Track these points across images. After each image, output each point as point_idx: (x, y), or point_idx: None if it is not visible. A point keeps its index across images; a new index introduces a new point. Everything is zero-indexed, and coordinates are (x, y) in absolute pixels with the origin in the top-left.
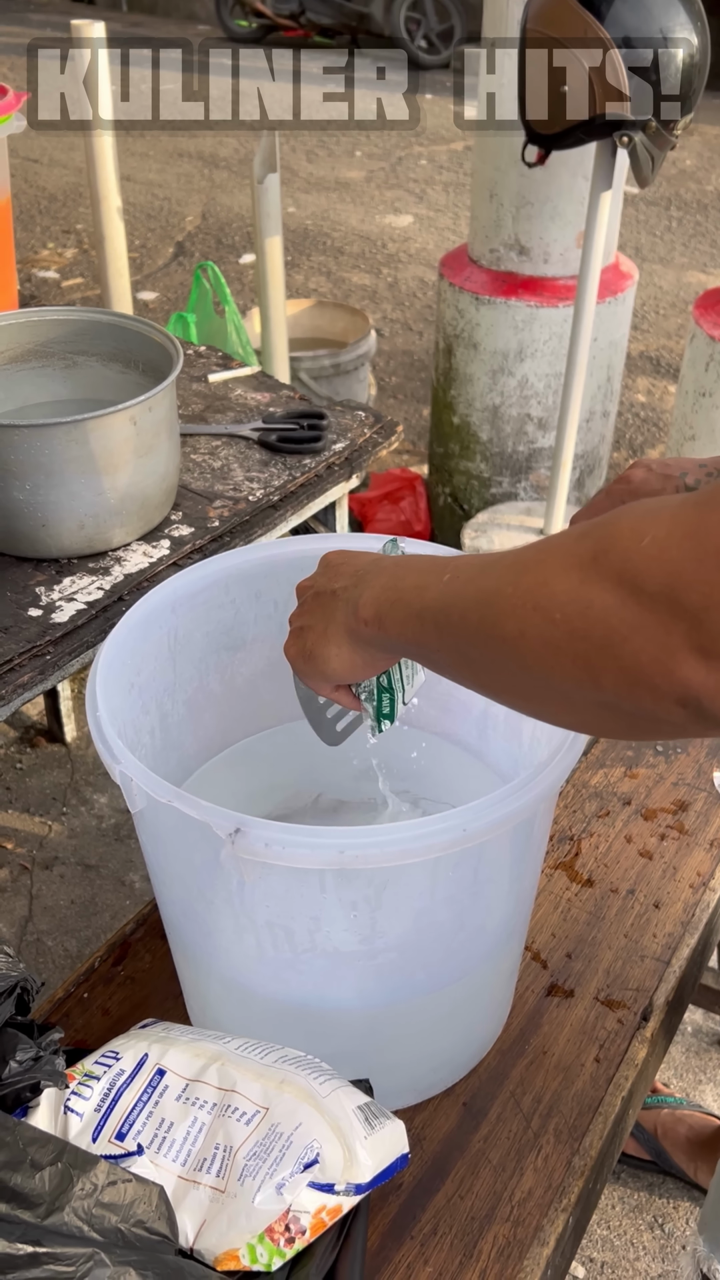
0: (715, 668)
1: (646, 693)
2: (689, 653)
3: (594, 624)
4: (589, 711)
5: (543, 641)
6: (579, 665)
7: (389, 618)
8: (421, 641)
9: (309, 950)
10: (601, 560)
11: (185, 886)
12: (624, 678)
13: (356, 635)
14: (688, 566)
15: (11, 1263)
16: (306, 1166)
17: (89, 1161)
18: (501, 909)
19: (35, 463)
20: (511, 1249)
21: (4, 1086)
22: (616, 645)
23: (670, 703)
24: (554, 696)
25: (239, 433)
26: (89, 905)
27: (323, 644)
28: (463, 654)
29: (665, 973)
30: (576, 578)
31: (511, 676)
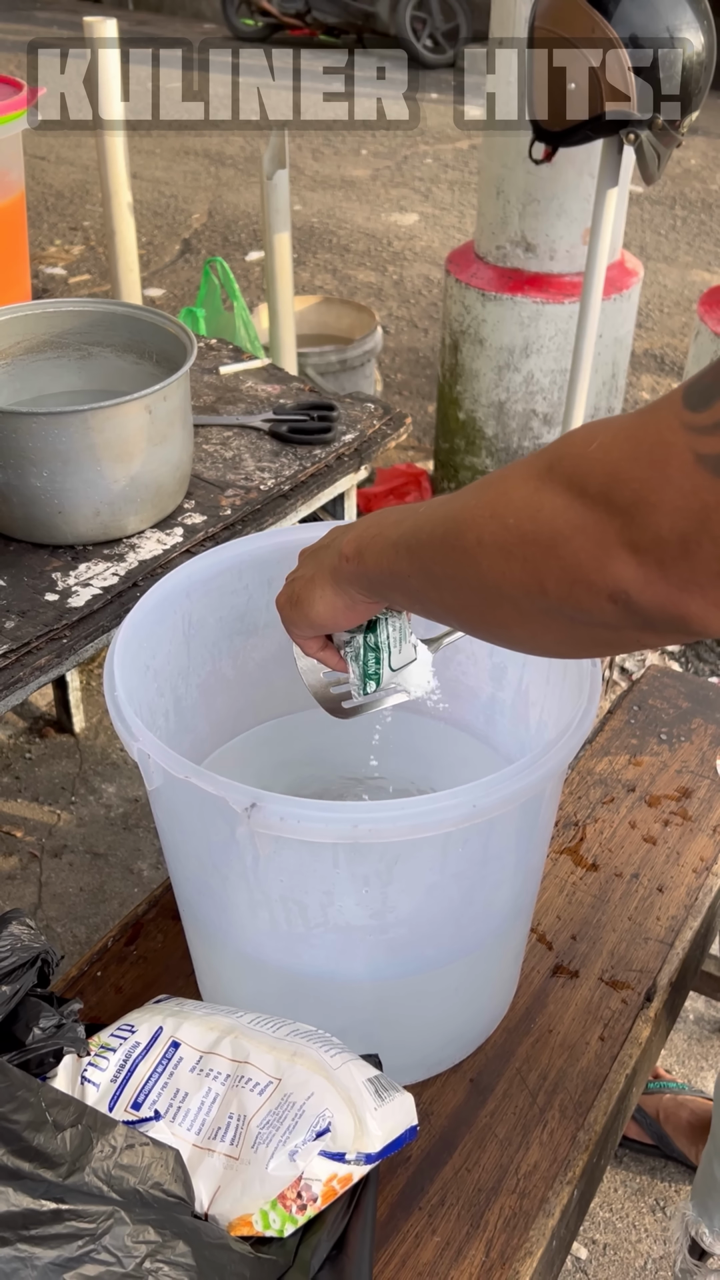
0: (643, 561)
1: (584, 591)
2: (621, 548)
3: (542, 526)
4: (537, 620)
5: (497, 547)
6: (527, 569)
7: (368, 550)
8: (395, 569)
9: (321, 925)
10: (555, 467)
11: (200, 863)
12: (565, 577)
13: (339, 574)
14: (624, 465)
15: (35, 1218)
16: (319, 1135)
17: (108, 1124)
18: (509, 886)
19: (53, 450)
20: (517, 1220)
21: (28, 1052)
22: (560, 545)
23: (604, 599)
24: (506, 606)
25: (250, 424)
26: (98, 892)
27: (309, 589)
28: (429, 573)
29: (669, 955)
30: (533, 485)
31: (469, 589)
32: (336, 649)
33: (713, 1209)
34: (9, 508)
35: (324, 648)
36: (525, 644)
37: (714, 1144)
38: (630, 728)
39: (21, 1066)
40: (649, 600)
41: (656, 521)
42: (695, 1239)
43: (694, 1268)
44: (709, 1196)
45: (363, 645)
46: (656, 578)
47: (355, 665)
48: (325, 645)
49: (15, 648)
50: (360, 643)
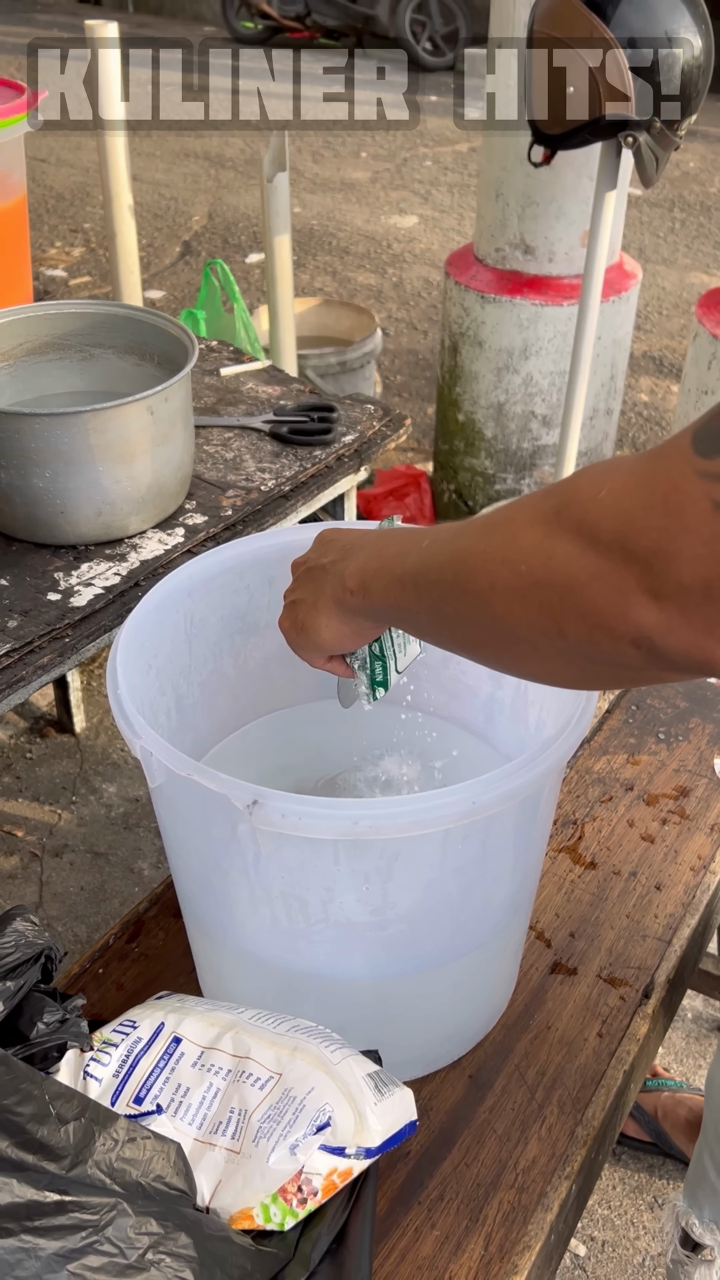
0: (665, 608)
1: (605, 636)
2: (641, 595)
3: (556, 573)
4: (555, 660)
5: (510, 592)
6: (544, 614)
7: (373, 585)
8: (403, 605)
9: (322, 921)
10: (563, 513)
11: (202, 860)
12: (584, 623)
13: (344, 605)
14: (638, 514)
15: (39, 1210)
16: (319, 1129)
17: (110, 1118)
18: (508, 883)
19: (55, 450)
20: (516, 1214)
21: (32, 1046)
22: (576, 592)
23: (626, 644)
24: (523, 646)
25: (250, 425)
26: (98, 892)
27: (313, 616)
28: (439, 612)
29: (666, 952)
30: (540, 531)
31: (483, 630)
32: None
33: (702, 1200)
34: (12, 508)
35: (330, 660)
36: (541, 679)
37: (704, 1136)
38: (628, 727)
39: (26, 1061)
40: (673, 645)
41: (678, 569)
42: (686, 1230)
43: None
44: (699, 1188)
45: (368, 655)
46: (680, 624)
47: (363, 674)
48: (331, 659)
49: (18, 647)
50: (365, 653)
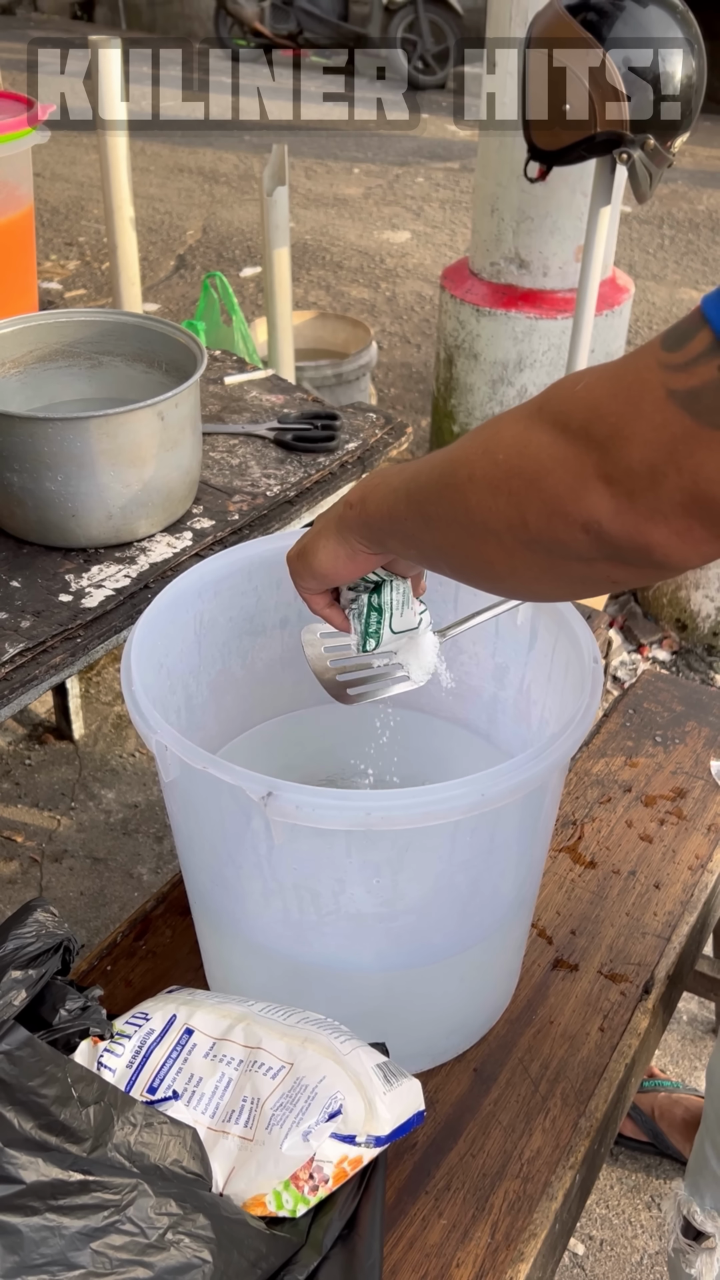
0: (616, 493)
1: (560, 522)
2: (596, 480)
3: (528, 460)
4: (518, 554)
5: (486, 483)
6: (511, 503)
7: (371, 497)
8: (394, 514)
9: (333, 913)
10: (545, 406)
11: (215, 853)
12: (544, 509)
13: (343, 521)
14: (604, 401)
15: (64, 1189)
16: (331, 1117)
17: (127, 1102)
18: (513, 876)
19: (68, 455)
20: (521, 1203)
21: (55, 1032)
22: (542, 479)
23: (578, 530)
24: (491, 541)
25: (255, 432)
26: (98, 897)
27: (314, 540)
28: (424, 514)
29: (665, 949)
30: (523, 423)
31: (458, 528)
32: (342, 610)
33: (704, 1188)
34: (24, 511)
35: (329, 605)
36: (508, 580)
37: (706, 1126)
38: (626, 730)
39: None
40: (618, 530)
41: (628, 453)
42: (688, 1218)
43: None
44: (700, 1176)
45: (366, 605)
46: (625, 507)
47: (357, 623)
48: (330, 603)
49: (31, 646)
50: (364, 602)
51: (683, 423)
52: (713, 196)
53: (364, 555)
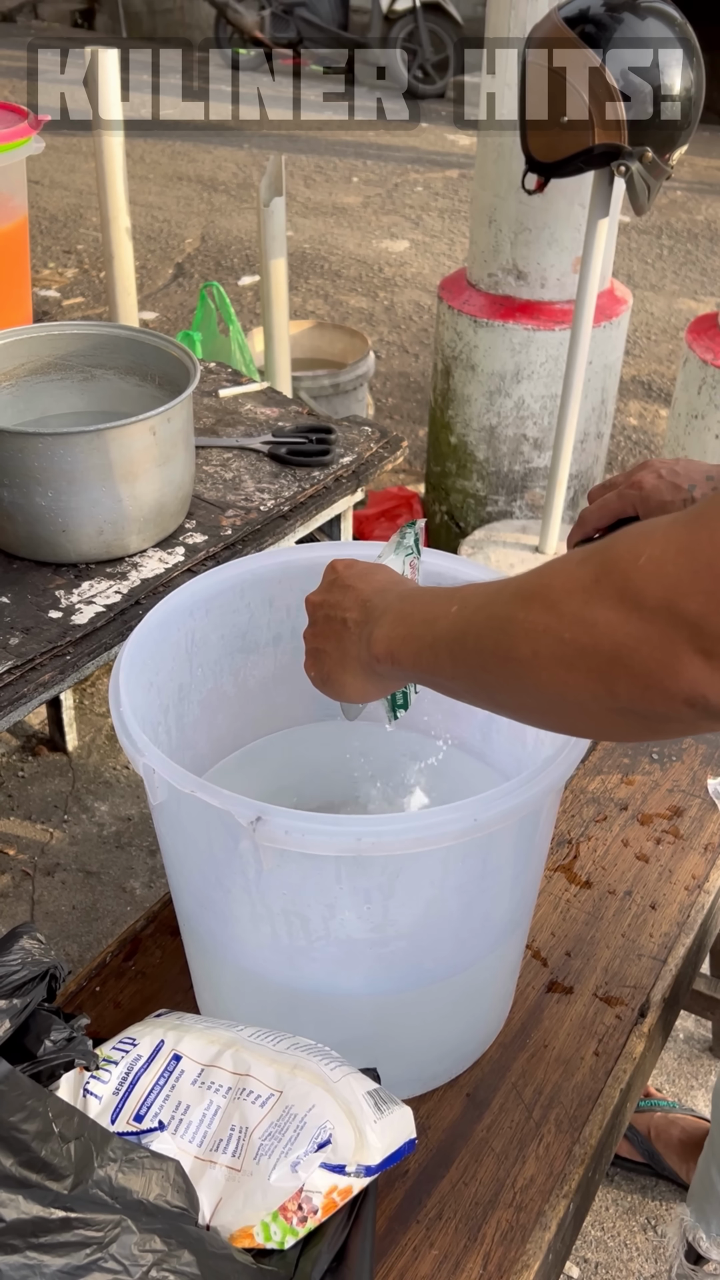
0: (717, 667)
1: (658, 696)
2: (693, 655)
3: (602, 639)
4: (606, 719)
5: (555, 660)
6: (593, 678)
7: (402, 653)
8: (436, 671)
9: (323, 938)
10: (603, 581)
11: (204, 876)
12: (636, 685)
13: (371, 669)
14: (684, 579)
15: (45, 1226)
16: (320, 1146)
17: (105, 1138)
18: (507, 900)
19: (58, 469)
20: (514, 1233)
21: (39, 1063)
22: (625, 656)
23: (680, 703)
24: (571, 709)
25: (249, 445)
26: (90, 911)
27: (339, 672)
28: (477, 679)
29: (662, 971)
30: (580, 599)
31: (527, 695)
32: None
33: (710, 1214)
34: (14, 526)
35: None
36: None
37: (711, 1150)
38: (622, 747)
39: (34, 1078)
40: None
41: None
42: (692, 1244)
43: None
44: (706, 1202)
45: None
46: None
47: (385, 699)
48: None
49: (20, 664)
50: None
51: None
52: (711, 207)
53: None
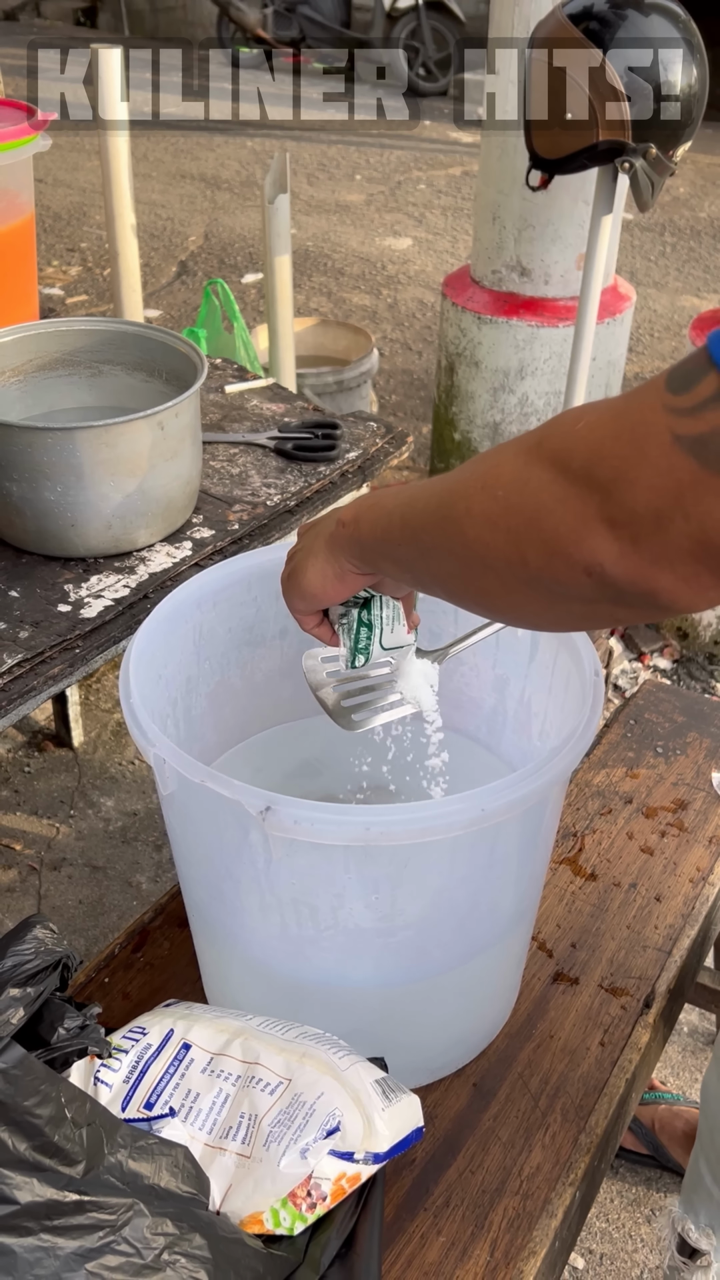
0: (619, 536)
1: (562, 563)
2: (599, 523)
3: (528, 499)
4: (517, 591)
5: (483, 518)
6: (510, 540)
7: (364, 518)
8: (388, 537)
9: (331, 928)
10: (544, 443)
11: (213, 866)
12: (544, 550)
13: (334, 540)
14: (606, 443)
15: (58, 1209)
16: (329, 1134)
17: (114, 1124)
18: (513, 891)
19: (67, 464)
20: (521, 1220)
21: (53, 1051)
22: (542, 518)
23: (580, 572)
24: (489, 576)
25: (256, 441)
26: (96, 905)
27: (304, 560)
28: (419, 542)
29: (666, 962)
30: (522, 460)
31: (455, 558)
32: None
33: (699, 1206)
34: (23, 520)
35: (320, 624)
36: (506, 613)
37: (700, 1143)
38: (627, 741)
39: (47, 1065)
40: (621, 574)
41: (633, 498)
42: (682, 1235)
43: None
44: (695, 1194)
45: (356, 620)
46: (630, 552)
47: (347, 639)
48: (321, 622)
49: (29, 657)
50: (354, 617)
51: (690, 469)
52: (714, 204)
53: (353, 576)
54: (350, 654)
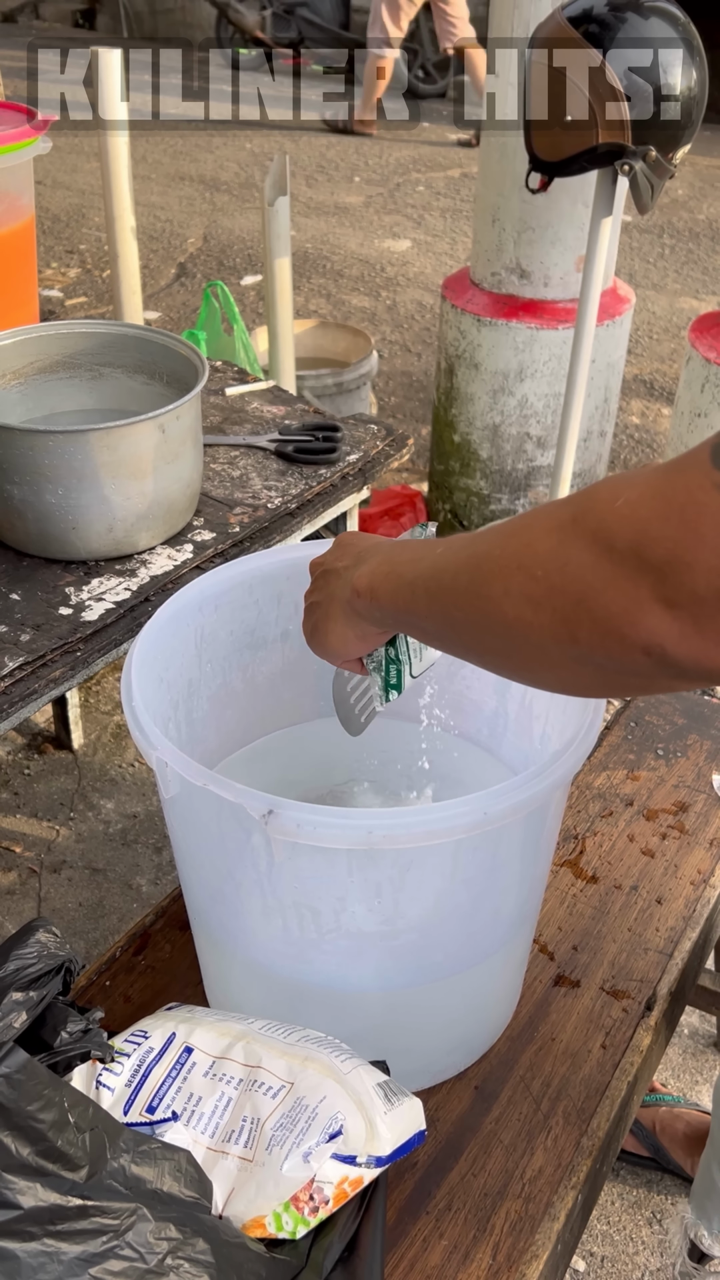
0: (677, 617)
1: (616, 643)
2: (654, 604)
3: (571, 580)
4: (565, 667)
5: (524, 598)
6: (557, 620)
7: (381, 589)
8: (411, 609)
9: (334, 931)
10: (580, 521)
11: (215, 870)
12: (596, 630)
13: (352, 608)
14: (654, 524)
15: (62, 1214)
16: (331, 1137)
17: (117, 1129)
18: (515, 894)
19: (68, 467)
20: (523, 1224)
21: (55, 1055)
22: (590, 599)
23: (638, 652)
24: (533, 653)
25: (256, 443)
26: (96, 908)
27: (325, 620)
28: (449, 617)
29: (668, 965)
30: (557, 538)
31: (493, 635)
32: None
33: (711, 1212)
34: (24, 523)
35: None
36: (550, 685)
37: (713, 1148)
38: (628, 743)
39: (50, 1069)
40: (684, 654)
41: (692, 580)
42: (694, 1241)
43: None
44: (707, 1199)
45: (384, 658)
46: (692, 633)
47: (378, 676)
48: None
49: (31, 660)
50: (381, 654)
51: None
52: (713, 206)
53: (375, 635)
54: (384, 690)
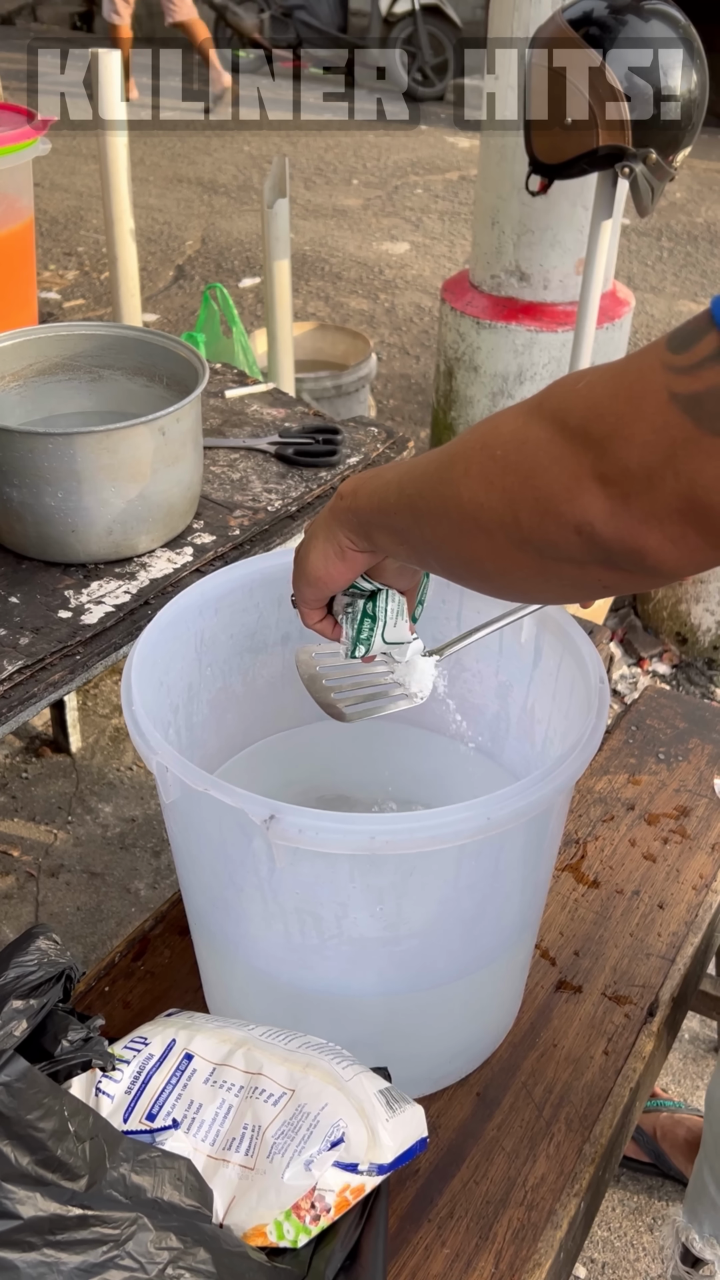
0: (609, 493)
1: (553, 522)
2: (591, 479)
3: (525, 456)
4: (508, 554)
5: (480, 478)
6: (504, 499)
7: (363, 490)
8: (384, 505)
9: (335, 937)
10: (545, 402)
11: (216, 875)
12: (537, 508)
13: (333, 514)
14: (604, 400)
15: (62, 1223)
16: (333, 1145)
17: (116, 1138)
18: (518, 899)
19: (68, 470)
20: (526, 1231)
21: (56, 1063)
22: (537, 475)
23: (570, 531)
24: (481, 538)
25: (256, 446)
26: (94, 912)
27: (307, 543)
28: (414, 508)
29: (670, 970)
30: (523, 419)
31: (449, 521)
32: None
33: (703, 1216)
34: (23, 526)
35: (323, 619)
36: (497, 580)
37: (704, 1152)
38: (629, 747)
39: (51, 1078)
40: (611, 532)
41: (626, 454)
42: (686, 1245)
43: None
44: (699, 1203)
45: (361, 611)
46: (620, 510)
47: (349, 628)
48: (325, 616)
49: (30, 664)
50: (359, 607)
51: (684, 427)
52: (711, 209)
53: (352, 553)
54: (351, 644)
